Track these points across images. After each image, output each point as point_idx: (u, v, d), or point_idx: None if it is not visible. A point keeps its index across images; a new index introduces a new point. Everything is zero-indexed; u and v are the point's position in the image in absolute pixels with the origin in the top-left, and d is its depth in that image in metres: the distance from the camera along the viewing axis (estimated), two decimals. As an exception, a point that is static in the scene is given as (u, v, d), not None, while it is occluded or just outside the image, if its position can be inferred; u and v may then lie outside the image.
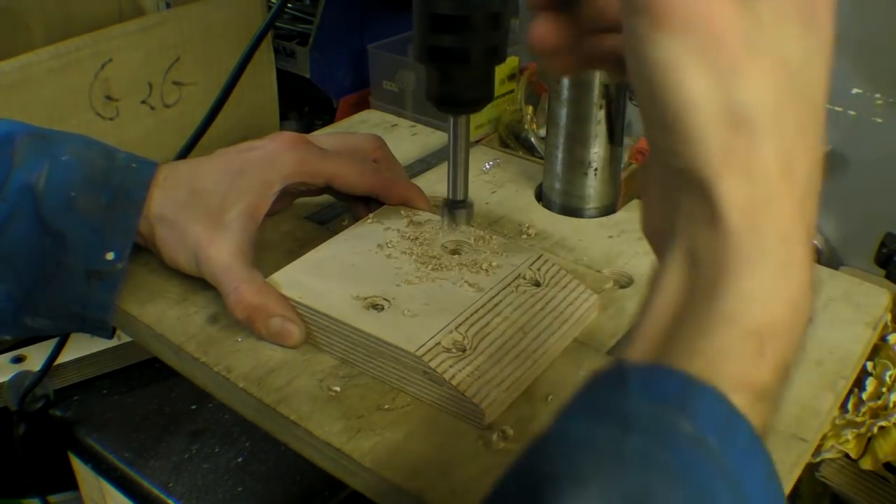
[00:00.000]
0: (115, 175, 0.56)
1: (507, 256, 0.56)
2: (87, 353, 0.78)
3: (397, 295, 0.52)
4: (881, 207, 0.84)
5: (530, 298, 0.53)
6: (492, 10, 0.48)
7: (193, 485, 0.69)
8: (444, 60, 0.49)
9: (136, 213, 0.55)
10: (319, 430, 0.47)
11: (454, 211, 0.56)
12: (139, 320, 0.56)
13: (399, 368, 0.49)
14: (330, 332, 0.51)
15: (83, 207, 0.54)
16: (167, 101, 0.91)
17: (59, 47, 0.80)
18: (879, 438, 0.66)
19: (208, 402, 0.76)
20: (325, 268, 0.55)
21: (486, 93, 0.52)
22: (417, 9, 0.48)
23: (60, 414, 0.76)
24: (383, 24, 1.07)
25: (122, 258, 0.55)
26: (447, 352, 0.48)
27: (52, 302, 0.55)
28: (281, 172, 0.58)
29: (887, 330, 0.67)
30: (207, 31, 0.92)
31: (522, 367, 0.49)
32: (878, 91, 0.81)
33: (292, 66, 1.06)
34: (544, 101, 0.98)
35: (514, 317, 0.52)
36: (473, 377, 0.47)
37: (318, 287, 0.53)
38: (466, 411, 0.47)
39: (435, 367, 0.47)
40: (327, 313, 0.51)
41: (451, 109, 0.52)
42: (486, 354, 0.49)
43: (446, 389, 0.47)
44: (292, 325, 0.52)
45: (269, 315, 0.52)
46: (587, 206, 0.68)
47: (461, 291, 0.53)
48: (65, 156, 0.56)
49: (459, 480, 0.43)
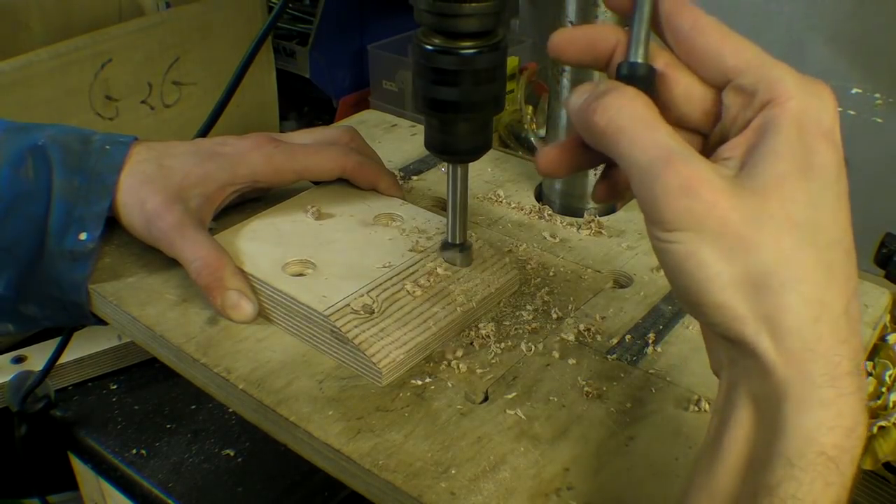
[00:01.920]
0: (88, 158, 0.58)
1: (431, 226, 0.60)
2: (88, 354, 0.78)
3: (320, 260, 0.56)
4: (881, 207, 0.84)
5: (446, 269, 0.56)
6: (490, 63, 0.48)
7: (193, 485, 0.69)
8: (444, 112, 0.50)
9: (107, 196, 0.58)
10: (319, 431, 0.47)
11: (453, 254, 0.57)
12: (139, 321, 0.56)
13: (311, 327, 0.52)
14: (259, 295, 0.55)
15: (59, 190, 0.57)
16: (167, 101, 0.91)
17: (59, 47, 0.80)
18: (879, 438, 0.66)
19: (208, 402, 0.76)
20: (259, 233, 0.59)
21: (485, 142, 0.53)
22: (418, 61, 0.49)
23: (61, 414, 0.76)
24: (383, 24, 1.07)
25: (93, 239, 0.57)
26: (355, 313, 0.51)
27: (37, 287, 0.57)
28: (243, 173, 0.61)
29: (887, 330, 0.67)
30: (207, 31, 0.92)
31: (427, 332, 0.52)
32: (878, 91, 0.81)
33: (292, 66, 1.06)
34: (544, 101, 0.98)
35: (426, 285, 0.55)
36: (377, 338, 0.50)
37: (249, 250, 0.57)
38: (366, 369, 0.50)
39: (340, 327, 0.50)
40: (253, 274, 0.55)
41: (451, 158, 0.53)
42: (394, 318, 0.52)
43: (350, 348, 0.50)
44: (247, 300, 0.54)
45: (225, 288, 0.54)
46: (587, 205, 0.68)
47: (384, 258, 0.56)
48: (41, 140, 0.58)
49: (459, 482, 0.44)
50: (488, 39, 0.48)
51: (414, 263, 0.56)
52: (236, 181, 0.61)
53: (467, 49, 0.48)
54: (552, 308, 0.57)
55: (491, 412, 0.48)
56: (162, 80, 0.90)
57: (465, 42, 0.48)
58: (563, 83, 0.65)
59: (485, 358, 0.52)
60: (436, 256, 0.57)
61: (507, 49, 0.50)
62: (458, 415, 0.48)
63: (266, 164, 0.61)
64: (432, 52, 0.48)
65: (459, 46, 0.48)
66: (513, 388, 0.50)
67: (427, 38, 0.48)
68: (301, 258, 0.56)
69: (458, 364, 0.51)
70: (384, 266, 0.55)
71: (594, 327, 0.55)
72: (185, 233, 0.57)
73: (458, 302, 0.55)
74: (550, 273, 0.60)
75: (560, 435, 0.47)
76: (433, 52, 0.48)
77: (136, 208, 0.58)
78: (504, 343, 0.53)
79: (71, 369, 0.78)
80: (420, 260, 0.56)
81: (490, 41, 0.48)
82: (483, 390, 0.50)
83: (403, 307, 0.53)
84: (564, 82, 0.64)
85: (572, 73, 0.64)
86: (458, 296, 0.55)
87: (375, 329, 0.51)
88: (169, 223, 0.57)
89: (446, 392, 0.50)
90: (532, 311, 0.56)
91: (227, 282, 0.54)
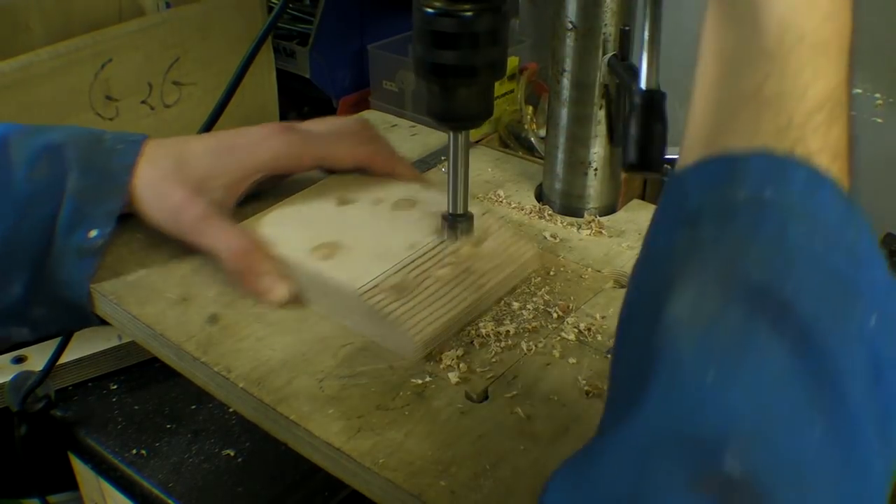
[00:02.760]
0: (99, 157, 0.58)
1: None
2: (88, 354, 0.78)
3: (347, 243, 0.57)
4: (881, 207, 0.84)
5: (473, 248, 0.58)
6: (491, 26, 0.49)
7: (193, 485, 0.69)
8: (445, 76, 0.50)
9: (119, 195, 0.58)
10: (319, 429, 0.47)
11: (455, 224, 0.57)
12: (139, 320, 0.56)
13: (344, 306, 0.54)
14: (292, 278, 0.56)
15: (72, 188, 0.57)
16: (167, 101, 0.91)
17: (58, 47, 0.80)
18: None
19: (208, 402, 0.76)
20: (285, 220, 0.61)
21: (487, 108, 0.53)
22: (418, 25, 0.49)
23: (61, 414, 0.76)
24: (383, 24, 1.07)
25: (102, 236, 0.58)
26: (386, 292, 0.53)
27: (44, 286, 0.57)
28: (263, 159, 0.61)
29: (887, 330, 0.67)
30: (207, 31, 0.92)
31: (456, 309, 0.54)
32: (878, 91, 0.81)
33: (292, 66, 1.06)
34: (544, 101, 0.98)
35: (455, 264, 0.56)
36: (409, 314, 0.52)
37: (277, 236, 0.58)
38: (401, 345, 0.52)
39: (374, 304, 0.52)
40: (284, 257, 0.56)
41: (452, 125, 0.53)
42: (423, 296, 0.53)
43: (384, 325, 0.52)
44: (281, 283, 0.55)
45: (259, 273, 0.55)
46: (587, 205, 0.68)
47: (408, 240, 0.57)
48: (57, 140, 0.58)
49: (459, 480, 0.43)
50: (489, 2, 0.48)
51: (439, 244, 0.57)
52: (257, 169, 0.61)
53: (468, 11, 0.48)
54: (552, 307, 0.57)
55: (491, 411, 0.48)
56: (162, 80, 0.90)
57: (465, 4, 0.48)
58: (563, 83, 0.65)
59: (485, 357, 0.52)
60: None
61: (508, 14, 0.50)
62: (459, 413, 0.48)
63: (285, 150, 0.62)
64: (433, 15, 0.48)
65: (460, 9, 0.48)
66: (513, 386, 0.50)
67: (427, 1, 0.48)
68: (329, 241, 0.58)
69: (458, 363, 0.51)
70: (410, 247, 0.56)
71: (594, 326, 0.55)
72: (212, 223, 0.57)
73: (484, 279, 0.56)
74: (551, 273, 0.60)
75: (560, 434, 0.47)
76: (434, 15, 0.48)
77: (159, 203, 0.58)
78: (504, 342, 0.54)
79: (71, 369, 0.78)
80: (444, 241, 0.57)
81: (491, 3, 0.48)
82: (483, 389, 0.50)
83: (431, 286, 0.54)
84: (564, 82, 0.64)
85: (572, 73, 0.64)
86: (484, 273, 0.56)
87: (407, 306, 0.52)
88: (195, 215, 0.57)
89: (447, 391, 0.50)
90: (532, 311, 0.56)
91: (261, 266, 0.55)
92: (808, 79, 0.31)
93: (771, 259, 0.29)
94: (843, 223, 0.31)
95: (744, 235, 0.30)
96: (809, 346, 0.28)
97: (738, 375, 0.28)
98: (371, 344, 0.53)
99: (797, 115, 0.31)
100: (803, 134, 0.31)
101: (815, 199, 0.31)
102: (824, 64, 0.32)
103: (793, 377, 0.28)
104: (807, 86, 0.31)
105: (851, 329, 0.29)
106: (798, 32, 0.31)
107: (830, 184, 0.31)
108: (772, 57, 0.31)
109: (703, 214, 0.31)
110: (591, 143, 0.65)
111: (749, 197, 0.30)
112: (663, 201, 0.35)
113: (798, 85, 0.31)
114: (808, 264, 0.30)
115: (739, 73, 0.32)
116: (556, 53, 0.64)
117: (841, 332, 0.29)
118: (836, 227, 0.31)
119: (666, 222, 0.34)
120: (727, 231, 0.30)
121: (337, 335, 0.54)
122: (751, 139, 0.32)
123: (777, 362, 0.28)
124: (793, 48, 0.31)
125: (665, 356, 0.29)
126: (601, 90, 0.63)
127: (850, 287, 0.30)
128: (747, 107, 0.32)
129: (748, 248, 0.30)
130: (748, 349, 0.28)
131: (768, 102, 0.32)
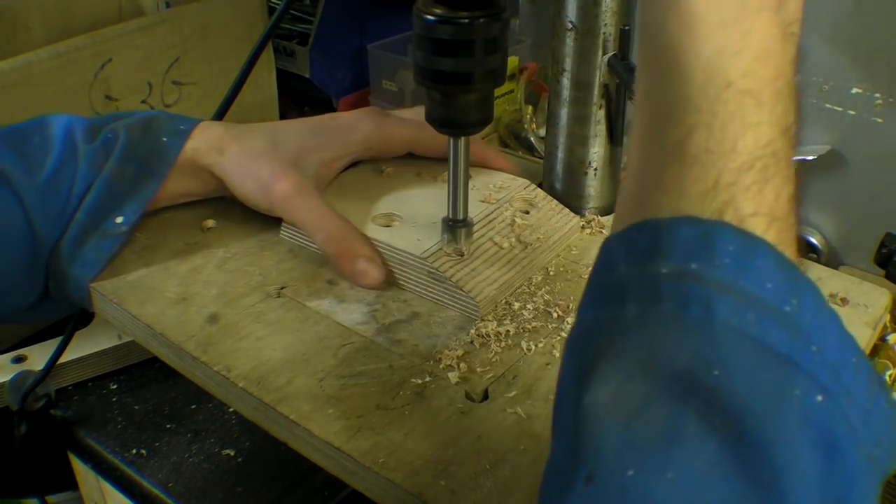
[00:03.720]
0: (142, 148, 0.59)
1: (497, 180, 0.66)
2: (88, 353, 0.78)
3: (406, 212, 0.61)
4: (881, 207, 0.84)
5: (523, 216, 0.62)
6: (491, 34, 0.49)
7: (193, 485, 0.68)
8: (444, 83, 0.50)
9: (153, 187, 0.59)
10: (319, 429, 0.47)
11: (455, 230, 0.57)
12: (139, 320, 0.56)
13: (407, 271, 0.57)
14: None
15: (111, 173, 0.57)
16: (167, 101, 0.91)
17: (58, 47, 0.80)
18: (880, 438, 0.66)
19: (208, 402, 0.76)
20: (344, 193, 0.63)
21: (486, 115, 0.53)
22: (418, 32, 0.49)
23: (61, 414, 0.76)
24: (383, 24, 1.07)
25: (129, 223, 0.58)
26: (448, 256, 0.57)
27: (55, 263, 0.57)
28: (356, 139, 0.62)
29: (887, 330, 0.67)
30: (207, 31, 0.92)
31: (512, 271, 0.58)
32: (878, 91, 0.81)
33: (292, 66, 1.06)
34: (544, 101, 0.98)
35: (507, 230, 0.61)
36: (470, 276, 0.56)
37: (340, 209, 0.59)
38: (463, 305, 0.55)
39: (437, 268, 0.55)
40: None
41: (452, 131, 0.53)
42: (481, 259, 0.58)
43: (447, 286, 0.55)
44: (376, 267, 0.56)
45: (356, 255, 0.56)
46: (587, 205, 0.68)
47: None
48: (112, 133, 0.59)
49: (459, 480, 0.43)
50: (489, 10, 0.48)
51: (491, 212, 0.61)
52: (349, 150, 0.62)
53: (467, 19, 0.48)
54: (552, 307, 0.57)
55: (491, 411, 0.48)
56: (162, 80, 0.90)
57: (465, 12, 0.48)
58: (563, 83, 0.65)
59: (485, 357, 0.52)
60: (509, 206, 0.63)
61: (508, 21, 0.50)
62: (459, 413, 0.48)
63: (378, 133, 0.63)
64: (433, 22, 0.48)
65: (460, 16, 0.48)
66: (513, 386, 0.50)
67: (427, 8, 0.49)
68: (386, 212, 0.61)
69: (458, 363, 0.51)
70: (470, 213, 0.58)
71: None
72: (305, 199, 0.58)
73: (533, 245, 0.60)
74: (551, 273, 0.61)
75: (560, 433, 0.47)
76: (434, 22, 0.48)
77: (250, 178, 0.59)
78: (504, 342, 0.54)
79: (71, 369, 0.78)
80: (496, 209, 0.62)
81: (491, 11, 0.48)
82: (483, 389, 0.50)
83: (488, 250, 0.58)
84: (564, 82, 0.64)
85: (572, 72, 0.64)
86: (534, 240, 0.60)
87: (468, 269, 0.56)
88: (286, 188, 0.58)
89: (446, 390, 0.50)
90: (532, 311, 0.56)
91: (357, 249, 0.56)
92: (736, 131, 0.28)
93: (696, 342, 0.27)
94: (781, 295, 0.27)
95: (668, 316, 0.27)
96: (740, 436, 0.25)
97: (662, 472, 0.25)
98: (371, 344, 0.53)
99: (726, 174, 0.28)
100: (733, 195, 0.28)
101: (747, 271, 0.27)
102: (755, 113, 0.28)
103: (722, 472, 0.25)
104: (735, 139, 0.28)
105: (791, 413, 0.26)
106: (725, 78, 0.28)
107: (765, 251, 0.28)
108: (697, 108, 0.28)
109: (627, 290, 0.29)
110: (590, 143, 0.65)
111: (674, 272, 0.27)
112: (595, 267, 0.32)
113: (726, 139, 0.28)
114: (738, 346, 0.27)
115: (664, 126, 0.29)
116: (555, 53, 0.64)
117: (777, 417, 0.26)
118: (773, 301, 0.27)
119: (593, 294, 0.31)
120: (650, 311, 0.28)
121: (337, 335, 0.54)
122: (677, 203, 0.28)
123: (703, 456, 0.25)
124: (718, 97, 0.28)
125: (586, 448, 0.27)
126: (601, 90, 0.63)
127: (787, 367, 0.27)
128: (672, 165, 0.29)
129: (672, 330, 0.27)
130: (673, 442, 0.26)
131: (694, 160, 0.28)
